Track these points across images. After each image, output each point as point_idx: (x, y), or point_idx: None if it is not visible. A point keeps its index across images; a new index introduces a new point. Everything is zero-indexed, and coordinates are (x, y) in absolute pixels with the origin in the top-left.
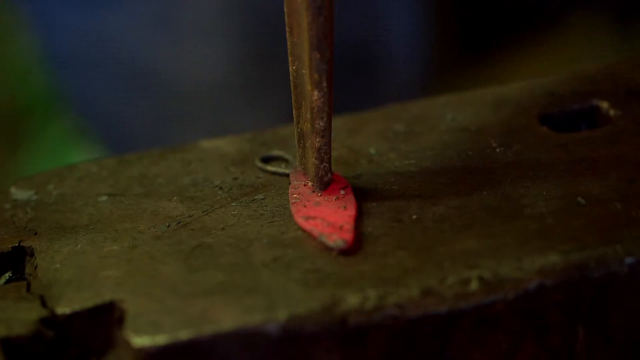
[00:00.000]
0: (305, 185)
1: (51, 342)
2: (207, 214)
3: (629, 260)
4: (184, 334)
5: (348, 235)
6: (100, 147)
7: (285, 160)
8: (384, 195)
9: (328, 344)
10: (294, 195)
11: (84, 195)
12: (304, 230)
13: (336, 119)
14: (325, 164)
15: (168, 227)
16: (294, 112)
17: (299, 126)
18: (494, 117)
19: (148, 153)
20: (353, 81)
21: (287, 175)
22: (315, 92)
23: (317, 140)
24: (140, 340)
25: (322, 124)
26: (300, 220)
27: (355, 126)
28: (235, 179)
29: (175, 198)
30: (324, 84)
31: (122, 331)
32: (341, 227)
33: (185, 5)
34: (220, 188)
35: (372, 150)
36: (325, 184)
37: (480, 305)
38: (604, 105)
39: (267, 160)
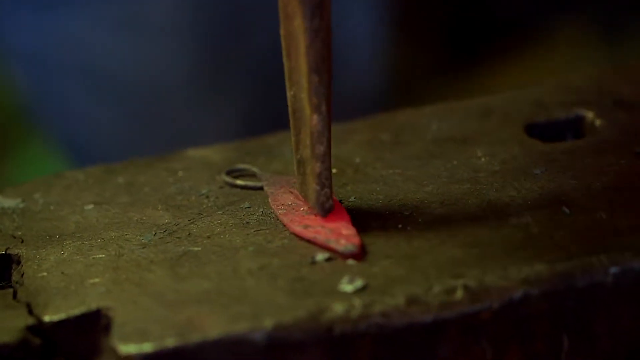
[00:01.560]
0: (286, 194)
1: (38, 350)
2: (193, 222)
3: (613, 269)
4: (170, 342)
5: (355, 239)
6: (65, 153)
7: (252, 174)
8: (369, 204)
9: (314, 352)
10: (279, 207)
11: (70, 204)
12: (290, 239)
13: None
14: (326, 189)
15: (154, 235)
16: (292, 138)
17: (299, 153)
18: (479, 126)
19: (134, 162)
20: None
21: (260, 188)
22: (315, 117)
23: (318, 165)
24: (127, 348)
25: (322, 148)
26: (298, 230)
27: (342, 136)
28: (221, 187)
29: (161, 206)
30: (323, 108)
31: (108, 339)
32: (343, 232)
33: (144, 7)
34: (207, 197)
35: (358, 160)
36: (326, 210)
37: (465, 314)
38: (590, 115)
39: (233, 174)
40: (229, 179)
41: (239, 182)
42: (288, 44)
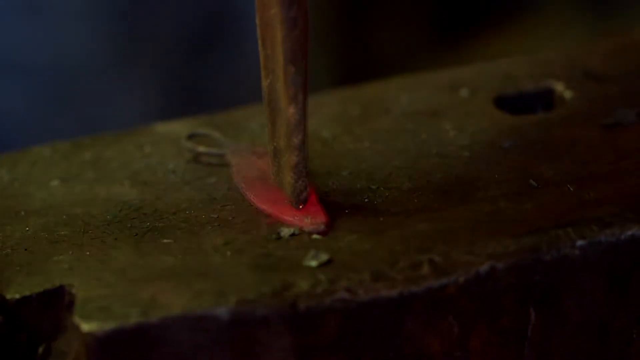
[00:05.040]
0: (250, 166)
1: (1, 327)
2: (159, 198)
3: (580, 242)
4: (133, 319)
5: (321, 215)
6: None
7: (216, 143)
8: (336, 178)
9: (278, 327)
10: (244, 180)
11: (36, 180)
12: (256, 215)
13: None
14: (302, 180)
15: (120, 211)
16: (267, 127)
17: (274, 142)
18: (449, 99)
19: (102, 137)
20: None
21: (221, 155)
22: (291, 107)
23: (294, 156)
24: (89, 325)
25: (298, 139)
26: (264, 205)
27: (310, 109)
28: (188, 162)
29: (127, 182)
30: (300, 98)
31: (72, 316)
32: (309, 209)
33: None
34: (173, 172)
35: (326, 134)
36: (302, 201)
37: (431, 289)
38: (559, 87)
39: (194, 139)
40: (190, 145)
41: (201, 148)
42: (264, 32)
